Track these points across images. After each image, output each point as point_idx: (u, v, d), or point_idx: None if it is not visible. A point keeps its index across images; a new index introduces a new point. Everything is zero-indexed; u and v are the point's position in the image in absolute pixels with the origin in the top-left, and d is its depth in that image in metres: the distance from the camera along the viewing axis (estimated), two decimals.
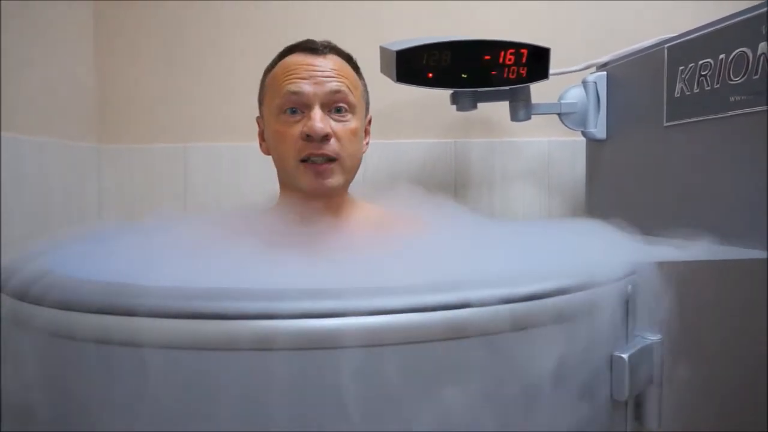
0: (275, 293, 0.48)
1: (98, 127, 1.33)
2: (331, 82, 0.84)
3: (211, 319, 0.45)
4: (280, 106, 0.85)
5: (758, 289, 0.70)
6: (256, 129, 0.95)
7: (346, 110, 0.86)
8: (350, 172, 0.88)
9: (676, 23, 1.03)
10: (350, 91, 0.86)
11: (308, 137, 0.82)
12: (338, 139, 0.84)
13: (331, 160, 0.84)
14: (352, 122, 0.86)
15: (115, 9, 1.32)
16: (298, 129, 0.83)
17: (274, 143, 0.88)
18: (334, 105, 0.85)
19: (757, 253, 0.72)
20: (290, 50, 0.89)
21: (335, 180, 0.85)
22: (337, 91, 0.84)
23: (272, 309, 0.46)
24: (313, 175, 0.84)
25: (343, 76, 0.86)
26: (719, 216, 0.81)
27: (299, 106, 0.84)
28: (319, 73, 0.85)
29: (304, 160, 0.84)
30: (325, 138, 0.82)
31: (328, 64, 0.86)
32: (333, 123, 0.84)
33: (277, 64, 0.89)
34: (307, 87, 0.84)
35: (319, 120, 0.82)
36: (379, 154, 1.30)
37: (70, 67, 1.24)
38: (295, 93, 0.84)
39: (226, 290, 0.48)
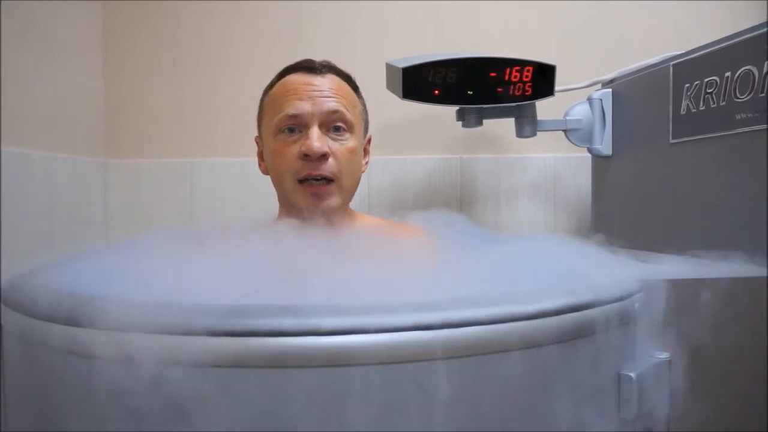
0: (278, 309, 0.48)
1: (105, 142, 1.34)
2: (329, 101, 0.84)
3: (199, 336, 0.45)
4: (278, 125, 0.85)
5: (765, 306, 0.69)
6: None
7: (344, 130, 0.85)
8: (348, 192, 0.87)
9: (681, 41, 1.04)
10: (348, 110, 0.86)
11: (306, 156, 0.82)
12: (336, 158, 0.83)
13: (329, 180, 0.83)
14: (350, 141, 0.86)
15: (124, 25, 1.33)
16: (296, 149, 0.83)
17: (272, 163, 0.87)
18: (332, 124, 0.84)
19: (763, 271, 0.72)
20: (289, 70, 0.89)
21: (332, 201, 0.84)
22: (335, 111, 0.84)
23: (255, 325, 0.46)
24: (311, 197, 0.83)
25: (341, 95, 0.86)
26: (725, 234, 0.81)
27: (297, 126, 0.84)
28: (317, 93, 0.84)
29: (301, 181, 0.83)
30: (323, 157, 0.82)
31: (326, 83, 0.86)
32: (331, 142, 0.84)
33: (276, 83, 0.89)
34: (305, 107, 0.83)
35: (316, 139, 0.81)
36: (385, 169, 1.31)
37: (78, 81, 1.25)
38: (293, 116, 0.83)
39: (216, 306, 0.48)
